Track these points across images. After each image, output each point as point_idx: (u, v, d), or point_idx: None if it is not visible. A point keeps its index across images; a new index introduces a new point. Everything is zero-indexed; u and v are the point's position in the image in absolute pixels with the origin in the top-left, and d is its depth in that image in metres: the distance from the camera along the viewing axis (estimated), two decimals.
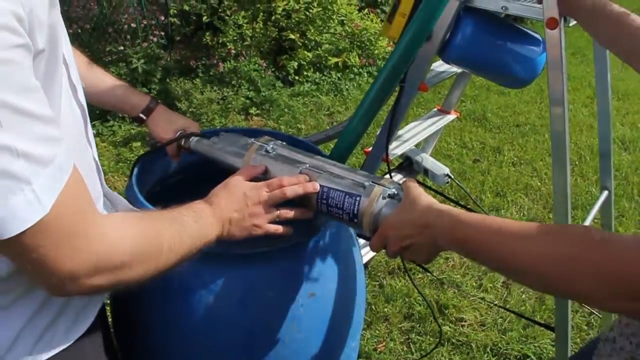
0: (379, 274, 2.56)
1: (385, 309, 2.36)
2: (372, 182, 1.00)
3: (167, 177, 1.43)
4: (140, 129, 3.61)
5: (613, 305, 0.73)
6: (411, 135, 1.82)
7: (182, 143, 1.28)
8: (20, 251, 0.65)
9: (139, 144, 3.49)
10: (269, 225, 1.00)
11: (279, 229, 1.01)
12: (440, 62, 1.70)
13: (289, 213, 1.02)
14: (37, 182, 0.62)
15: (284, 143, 1.19)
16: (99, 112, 3.62)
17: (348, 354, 1.25)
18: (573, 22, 1.28)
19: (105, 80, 1.26)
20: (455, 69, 1.80)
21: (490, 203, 3.14)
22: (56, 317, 0.86)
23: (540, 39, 1.46)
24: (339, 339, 1.19)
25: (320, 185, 1.02)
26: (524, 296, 2.49)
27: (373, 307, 2.36)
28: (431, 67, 1.72)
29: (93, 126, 3.55)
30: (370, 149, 1.63)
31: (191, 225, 0.88)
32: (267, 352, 1.08)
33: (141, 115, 1.29)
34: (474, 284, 2.55)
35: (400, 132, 1.80)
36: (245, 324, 1.07)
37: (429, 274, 2.51)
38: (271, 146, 1.14)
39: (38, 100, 0.64)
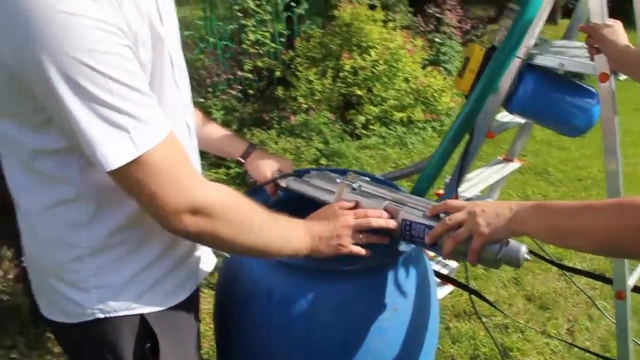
0: (445, 316, 2.67)
1: (452, 350, 2.46)
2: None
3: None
4: (229, 177, 3.94)
5: None
6: (478, 180, 1.99)
7: (279, 182, 1.47)
8: (131, 184, 0.87)
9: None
10: (353, 246, 1.17)
11: (362, 251, 1.18)
12: (505, 112, 1.88)
13: (370, 238, 1.20)
14: (134, 132, 0.84)
15: (369, 179, 1.38)
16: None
17: None
18: (624, 77, 1.45)
19: (217, 130, 1.48)
20: (519, 120, 1.97)
21: (553, 252, 3.20)
22: (161, 279, 1.07)
23: (595, 92, 1.62)
24: (419, 352, 1.34)
25: (403, 219, 1.19)
26: (587, 343, 2.54)
27: (440, 347, 2.46)
28: (496, 118, 1.90)
29: None
30: (441, 191, 1.81)
31: (282, 223, 1.08)
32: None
33: (239, 158, 1.48)
34: (538, 329, 2.62)
35: (468, 177, 1.97)
36: (339, 333, 1.23)
37: (493, 317, 2.61)
38: (358, 184, 1.33)
39: (141, 80, 0.87)
